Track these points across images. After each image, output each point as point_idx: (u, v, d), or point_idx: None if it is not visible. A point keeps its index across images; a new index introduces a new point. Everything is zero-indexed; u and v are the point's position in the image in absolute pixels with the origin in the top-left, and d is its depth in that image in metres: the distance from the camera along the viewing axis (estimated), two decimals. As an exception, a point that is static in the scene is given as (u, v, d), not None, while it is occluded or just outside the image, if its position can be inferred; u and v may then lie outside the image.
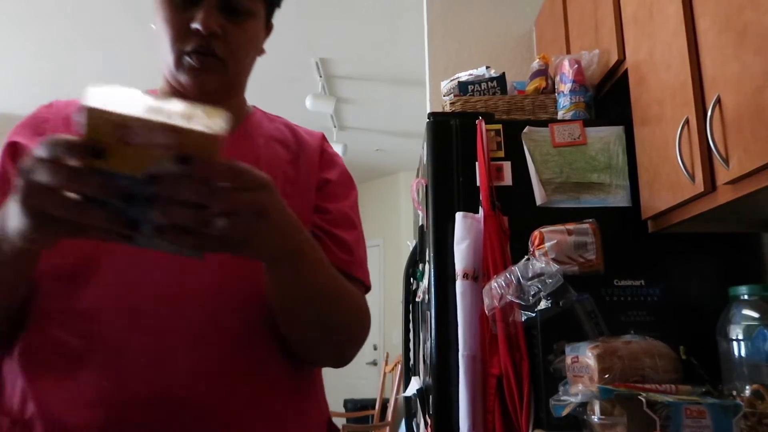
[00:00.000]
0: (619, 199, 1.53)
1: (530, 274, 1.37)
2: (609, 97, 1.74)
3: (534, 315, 1.39)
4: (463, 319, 1.44)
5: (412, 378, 1.92)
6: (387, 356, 4.91)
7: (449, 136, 1.62)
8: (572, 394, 1.18)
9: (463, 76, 1.84)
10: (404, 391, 1.89)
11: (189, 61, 0.80)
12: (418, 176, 2.04)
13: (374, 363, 6.02)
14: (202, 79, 0.81)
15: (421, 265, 1.83)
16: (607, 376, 1.17)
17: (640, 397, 1.04)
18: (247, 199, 0.56)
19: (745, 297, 1.23)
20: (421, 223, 1.82)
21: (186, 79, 0.81)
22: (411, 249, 2.03)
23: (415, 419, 1.87)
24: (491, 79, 1.79)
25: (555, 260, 1.40)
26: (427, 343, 1.61)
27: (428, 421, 1.52)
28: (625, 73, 1.58)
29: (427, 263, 1.61)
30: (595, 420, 1.10)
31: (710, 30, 1.18)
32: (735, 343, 1.20)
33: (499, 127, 1.60)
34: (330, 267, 0.78)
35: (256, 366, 0.78)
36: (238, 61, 0.84)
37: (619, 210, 1.52)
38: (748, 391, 1.13)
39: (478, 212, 1.52)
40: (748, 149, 1.05)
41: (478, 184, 1.55)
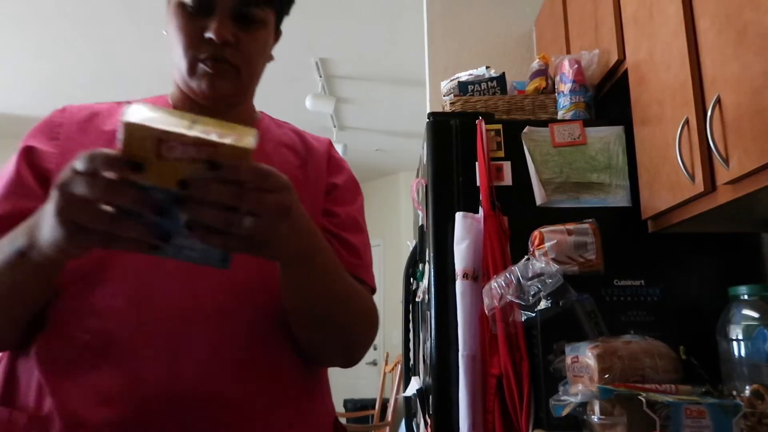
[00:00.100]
0: (619, 199, 1.53)
1: (530, 274, 1.37)
2: (609, 97, 1.73)
3: (534, 315, 1.39)
4: (463, 319, 1.44)
5: (412, 378, 1.92)
6: (387, 356, 4.91)
7: (449, 136, 1.62)
8: (572, 394, 1.18)
9: (463, 76, 1.84)
10: (404, 391, 1.89)
11: (203, 67, 0.81)
12: (418, 176, 2.04)
13: (374, 363, 6.02)
14: (216, 84, 0.82)
15: (421, 265, 1.83)
16: (607, 376, 1.17)
17: (640, 397, 1.04)
18: (273, 200, 0.57)
19: (745, 297, 1.23)
20: (421, 223, 1.82)
21: (199, 85, 0.83)
22: (411, 249, 2.03)
23: (415, 419, 1.87)
24: (491, 79, 1.79)
25: (555, 260, 1.40)
26: (427, 343, 1.61)
27: (428, 421, 1.52)
28: (625, 73, 1.58)
29: (427, 263, 1.61)
30: (595, 420, 1.10)
31: (710, 30, 1.18)
32: (735, 343, 1.20)
33: (499, 127, 1.60)
34: (341, 268, 0.80)
35: (268, 366, 0.79)
36: (250, 68, 0.85)
37: (619, 210, 1.52)
38: (748, 391, 1.13)
39: (478, 212, 1.52)
40: (748, 149, 1.05)
41: (478, 184, 1.55)
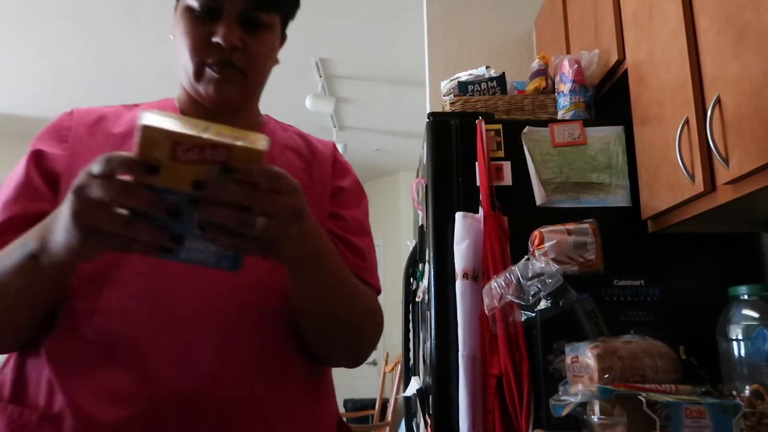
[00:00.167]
0: (619, 199, 1.53)
1: (530, 274, 1.37)
2: (609, 97, 1.73)
3: (534, 315, 1.39)
4: (463, 319, 1.44)
5: (412, 378, 1.92)
6: (387, 356, 4.90)
7: (449, 136, 1.62)
8: (572, 394, 1.18)
9: (463, 76, 1.84)
10: (404, 391, 1.89)
11: (210, 72, 0.82)
12: (418, 176, 2.04)
13: (374, 363, 6.02)
14: (223, 89, 0.83)
15: (421, 265, 1.83)
16: (607, 376, 1.17)
17: (640, 397, 1.04)
18: (285, 201, 0.58)
19: (745, 297, 1.22)
20: (421, 223, 1.82)
21: (206, 90, 0.83)
22: (411, 249, 2.03)
23: (415, 419, 1.87)
24: (491, 79, 1.79)
25: (555, 260, 1.40)
26: (427, 343, 1.61)
27: (428, 421, 1.52)
28: (625, 73, 1.58)
29: (427, 263, 1.61)
30: (595, 420, 1.10)
31: (710, 30, 1.18)
32: (735, 343, 1.20)
33: (499, 127, 1.60)
34: (347, 271, 0.81)
35: (278, 366, 0.80)
36: (257, 73, 0.86)
37: (619, 210, 1.52)
38: (748, 391, 1.13)
39: (478, 212, 1.52)
40: (748, 149, 1.05)
41: (478, 184, 1.55)
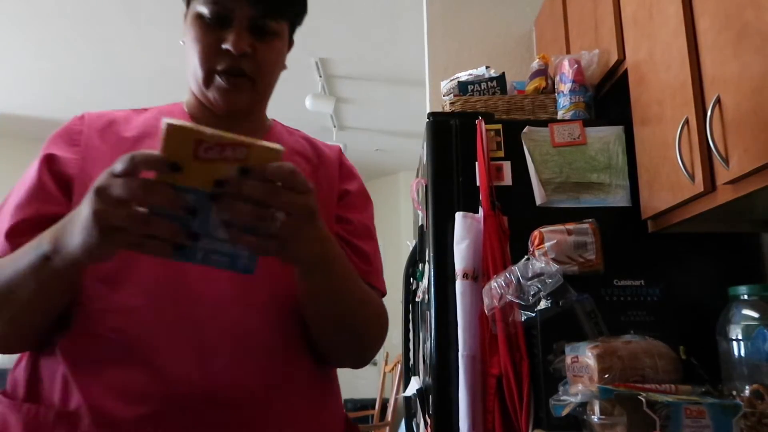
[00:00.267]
0: (618, 199, 1.53)
1: (530, 274, 1.37)
2: (609, 97, 1.73)
3: (534, 315, 1.39)
4: (463, 319, 1.44)
5: (412, 378, 1.92)
6: (387, 356, 4.90)
7: (449, 136, 1.62)
8: (572, 394, 1.18)
9: (463, 76, 1.84)
10: (404, 391, 1.89)
11: (219, 80, 0.83)
12: (418, 176, 2.04)
13: (374, 363, 5.98)
14: (232, 98, 0.84)
15: (420, 265, 1.82)
16: (606, 376, 1.17)
17: (640, 397, 1.04)
18: (301, 200, 0.59)
19: (745, 297, 1.22)
20: (421, 223, 1.82)
21: (215, 97, 0.84)
22: (411, 249, 2.03)
23: (415, 419, 1.87)
24: (491, 79, 1.79)
25: (555, 260, 1.40)
26: (427, 343, 1.61)
27: (428, 421, 1.52)
28: (625, 73, 1.58)
29: (427, 263, 1.61)
30: (595, 420, 1.10)
31: (710, 30, 1.18)
32: (735, 343, 1.20)
33: (499, 127, 1.60)
34: (355, 274, 0.82)
35: (291, 364, 0.81)
36: (266, 79, 0.87)
37: (619, 210, 1.52)
38: (748, 390, 1.13)
39: (477, 212, 1.52)
40: (748, 149, 1.05)
41: (478, 184, 1.55)
